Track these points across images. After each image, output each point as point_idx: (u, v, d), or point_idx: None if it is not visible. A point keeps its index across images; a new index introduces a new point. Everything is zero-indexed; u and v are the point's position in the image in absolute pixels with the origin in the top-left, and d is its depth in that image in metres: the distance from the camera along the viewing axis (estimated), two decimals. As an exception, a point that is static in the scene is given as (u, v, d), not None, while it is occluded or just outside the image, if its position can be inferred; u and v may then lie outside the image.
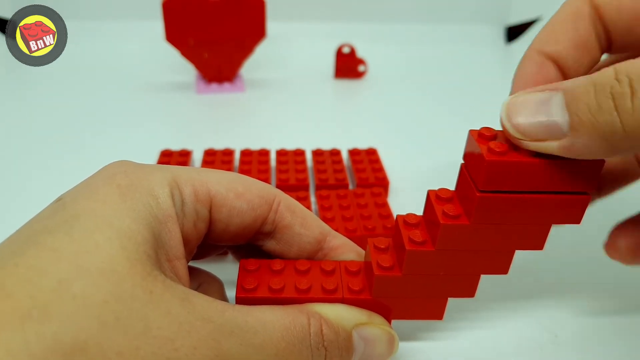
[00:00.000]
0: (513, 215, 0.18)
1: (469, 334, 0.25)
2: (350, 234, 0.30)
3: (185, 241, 0.19)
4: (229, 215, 0.20)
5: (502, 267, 0.20)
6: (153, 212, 0.17)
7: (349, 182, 0.36)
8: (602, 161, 0.17)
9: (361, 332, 0.20)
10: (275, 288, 0.20)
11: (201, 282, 0.22)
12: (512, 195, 0.18)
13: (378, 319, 0.21)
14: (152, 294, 0.15)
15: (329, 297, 0.21)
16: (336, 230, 0.30)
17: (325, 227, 0.23)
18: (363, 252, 0.23)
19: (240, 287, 0.21)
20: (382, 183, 0.35)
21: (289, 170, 0.36)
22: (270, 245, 0.22)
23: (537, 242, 0.19)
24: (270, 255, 0.23)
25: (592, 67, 0.22)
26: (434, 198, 0.20)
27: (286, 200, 0.22)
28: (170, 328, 0.15)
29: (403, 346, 0.24)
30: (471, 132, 0.18)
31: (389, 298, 0.21)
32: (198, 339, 0.15)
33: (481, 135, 0.18)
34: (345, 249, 0.23)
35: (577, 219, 0.19)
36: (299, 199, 0.32)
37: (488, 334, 0.25)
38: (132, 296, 0.15)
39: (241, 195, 0.20)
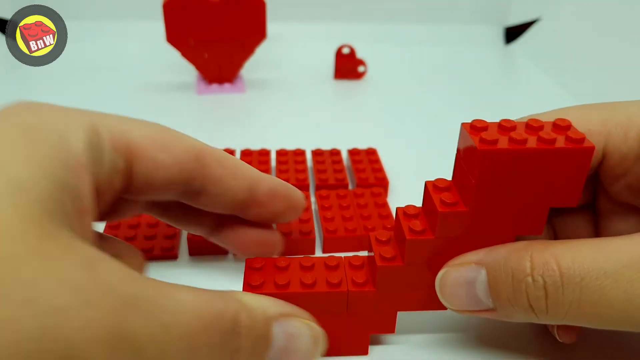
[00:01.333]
0: (510, 200, 0.18)
1: (477, 324, 0.25)
2: (350, 234, 0.30)
3: (98, 194, 0.17)
4: (152, 169, 0.19)
5: None
6: (61, 157, 0.15)
7: (348, 182, 0.36)
8: (592, 147, 0.18)
9: (283, 324, 0.18)
10: (281, 284, 0.21)
11: (117, 254, 0.19)
12: (507, 180, 0.18)
13: (305, 314, 0.20)
14: (47, 259, 0.13)
15: (334, 290, 0.21)
16: (335, 230, 0.30)
17: (255, 173, 0.22)
18: (298, 197, 0.24)
19: (247, 284, 0.21)
20: (381, 183, 0.35)
21: (289, 170, 0.36)
22: (202, 200, 0.21)
23: (536, 226, 0.19)
24: (199, 212, 0.23)
25: None
26: (431, 188, 0.20)
27: (214, 153, 0.21)
28: (63, 297, 0.13)
29: (410, 338, 0.24)
30: (463, 124, 0.19)
31: (393, 290, 0.21)
32: (96, 310, 0.13)
33: (473, 127, 0.18)
34: (276, 197, 0.22)
35: (574, 201, 0.19)
36: (298, 199, 0.33)
37: (495, 326, 0.25)
38: (19, 261, 0.13)
39: (165, 148, 0.19)
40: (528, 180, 0.18)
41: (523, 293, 0.18)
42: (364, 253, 0.24)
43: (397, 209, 0.21)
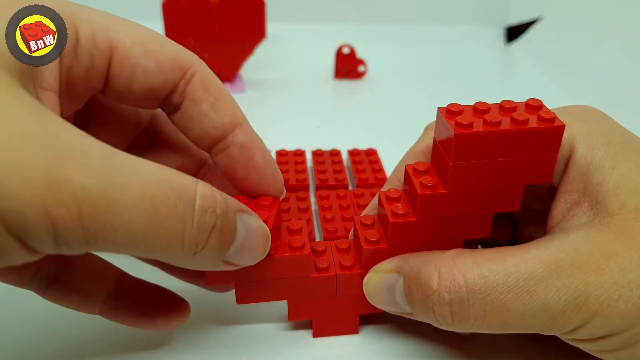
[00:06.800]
0: (486, 179, 0.19)
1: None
2: (349, 234, 0.30)
3: (69, 85, 0.17)
4: (132, 72, 0.18)
5: (483, 230, 0.21)
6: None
7: (348, 182, 0.36)
8: (563, 126, 0.18)
9: (244, 218, 0.17)
10: None
11: None
12: (482, 161, 0.19)
13: (257, 214, 0.19)
14: None
15: (323, 275, 0.22)
16: (335, 230, 0.30)
17: (240, 116, 0.20)
18: (268, 159, 0.21)
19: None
20: (381, 183, 0.35)
21: (289, 170, 0.36)
22: (175, 119, 0.20)
23: (512, 203, 0.20)
24: (171, 136, 0.22)
25: None
26: (411, 171, 0.21)
27: (203, 73, 0.19)
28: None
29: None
30: (440, 109, 0.20)
31: None
32: (31, 147, 0.12)
33: (449, 112, 0.19)
34: (250, 150, 0.20)
35: (547, 178, 0.19)
36: (298, 199, 0.33)
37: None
38: None
39: (150, 53, 0.18)
40: (503, 159, 0.19)
41: (430, 307, 0.19)
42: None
43: (380, 192, 0.22)
